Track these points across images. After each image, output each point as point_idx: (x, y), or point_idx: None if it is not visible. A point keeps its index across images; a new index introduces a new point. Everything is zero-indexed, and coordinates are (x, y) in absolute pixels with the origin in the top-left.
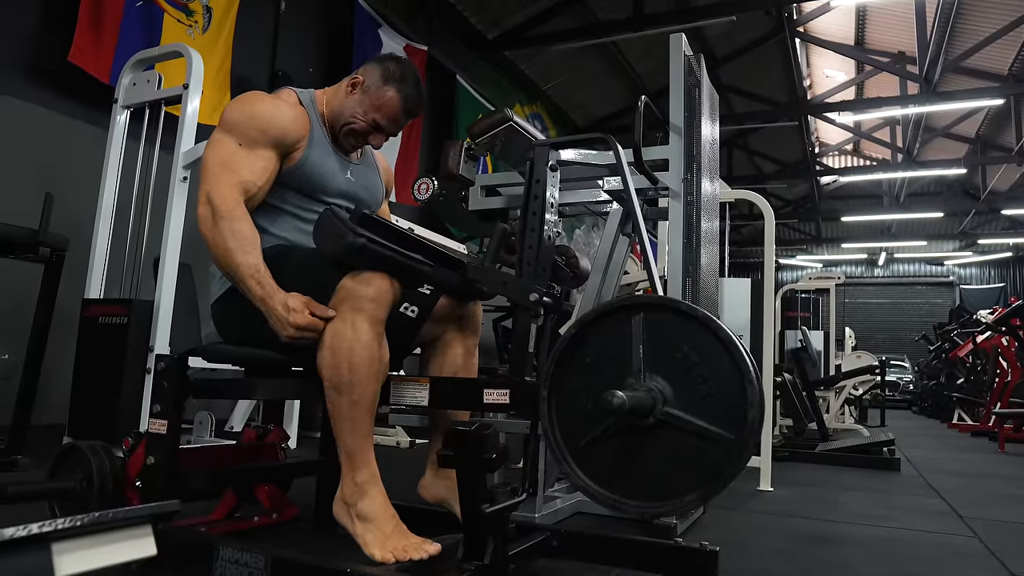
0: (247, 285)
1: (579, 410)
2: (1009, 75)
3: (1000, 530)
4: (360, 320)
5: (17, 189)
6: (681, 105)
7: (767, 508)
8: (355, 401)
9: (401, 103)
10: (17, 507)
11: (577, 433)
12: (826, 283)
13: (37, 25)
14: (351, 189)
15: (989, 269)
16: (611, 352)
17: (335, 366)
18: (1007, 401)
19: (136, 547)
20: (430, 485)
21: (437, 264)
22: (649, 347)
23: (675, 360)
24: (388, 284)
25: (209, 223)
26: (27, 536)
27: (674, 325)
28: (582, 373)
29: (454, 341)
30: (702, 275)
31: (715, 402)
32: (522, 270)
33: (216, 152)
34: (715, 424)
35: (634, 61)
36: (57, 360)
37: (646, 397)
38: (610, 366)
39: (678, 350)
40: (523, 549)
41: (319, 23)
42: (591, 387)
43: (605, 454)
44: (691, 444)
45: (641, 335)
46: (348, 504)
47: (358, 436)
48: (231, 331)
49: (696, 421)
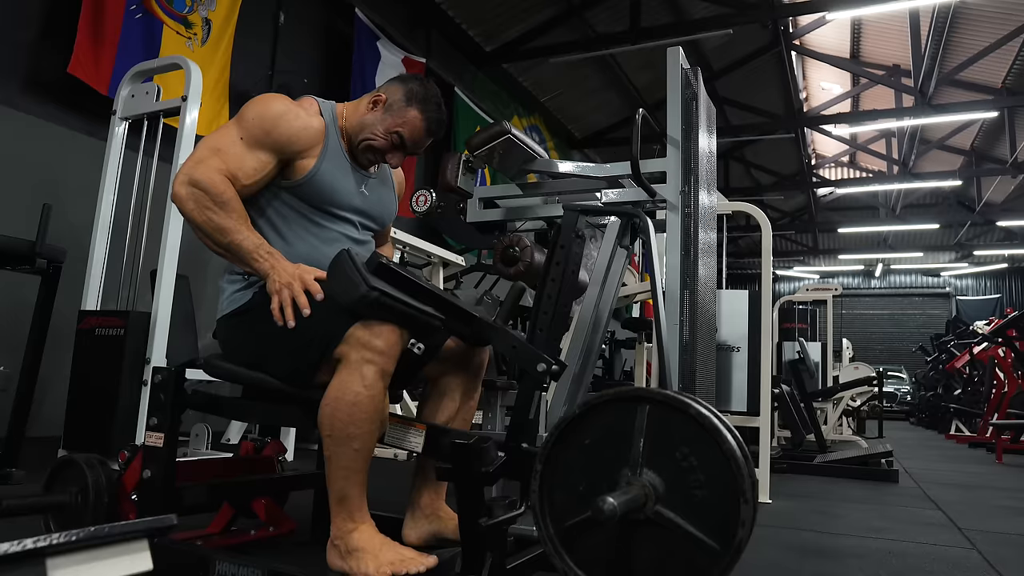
0: (252, 258)
1: (571, 490)
2: (1003, 88)
3: (999, 542)
4: (369, 371)
5: (15, 200)
6: (679, 118)
7: (765, 520)
8: (356, 451)
9: (424, 124)
10: (12, 521)
11: (566, 513)
12: (823, 294)
13: (37, 37)
14: (363, 204)
15: (985, 280)
16: (611, 439)
17: (338, 417)
18: (1004, 412)
19: (132, 562)
20: (414, 526)
21: (449, 318)
22: (650, 441)
23: (674, 460)
24: (398, 336)
25: (192, 204)
26: (22, 551)
27: (680, 425)
28: (580, 454)
29: (456, 389)
30: (700, 287)
31: (707, 510)
32: (534, 336)
33: (216, 136)
34: (704, 532)
35: (632, 74)
36: (53, 372)
37: (638, 495)
38: (609, 451)
39: (679, 450)
40: (521, 563)
41: (318, 35)
42: (586, 470)
43: (591, 540)
44: (678, 546)
45: (644, 429)
46: (338, 548)
47: (353, 484)
48: (235, 350)
49: (685, 525)
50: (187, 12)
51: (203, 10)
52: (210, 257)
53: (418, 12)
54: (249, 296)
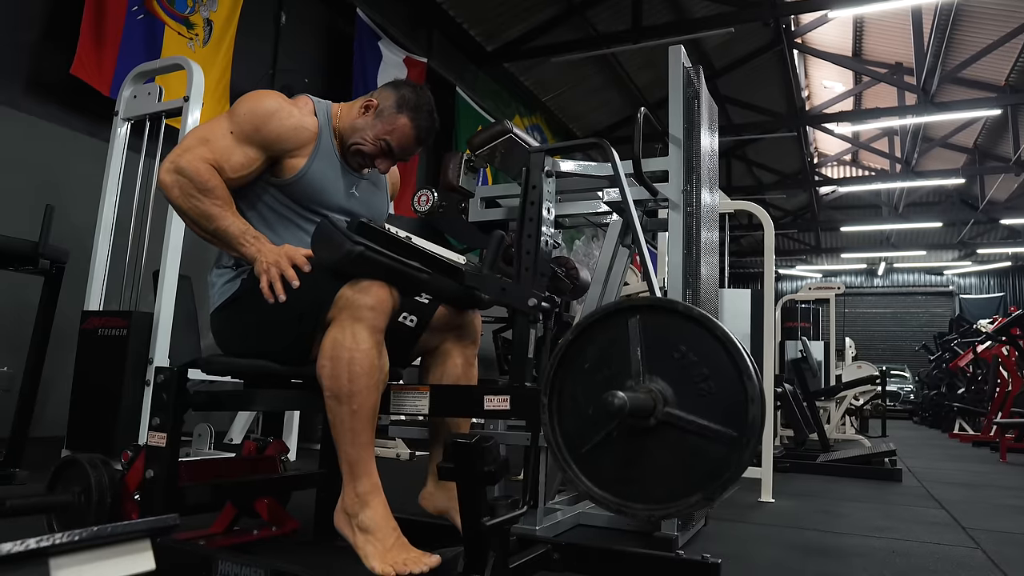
0: (239, 243)
1: (580, 416)
2: (1006, 85)
3: (1003, 541)
4: (359, 329)
5: (18, 201)
6: (680, 116)
7: (769, 520)
8: (355, 410)
9: (414, 132)
10: (15, 521)
11: (579, 439)
12: (826, 293)
13: (39, 38)
14: (352, 206)
15: (988, 279)
16: (609, 356)
17: (335, 376)
18: (1008, 411)
19: (135, 562)
20: (431, 496)
21: (435, 272)
22: (647, 349)
23: (674, 360)
24: (387, 292)
25: (177, 191)
26: (25, 551)
27: (671, 326)
28: (582, 378)
29: (453, 350)
30: (702, 286)
31: (715, 400)
32: (520, 276)
33: (206, 127)
34: (716, 422)
35: (633, 73)
36: (56, 372)
37: (647, 398)
38: (609, 370)
39: (676, 350)
40: (524, 562)
41: (319, 36)
42: (591, 392)
43: (608, 459)
44: (693, 444)
45: (639, 337)
46: (349, 515)
47: (359, 446)
48: (230, 341)
49: (697, 420)
50: (188, 13)
51: (204, 11)
52: (212, 257)
53: (419, 12)
54: (237, 285)
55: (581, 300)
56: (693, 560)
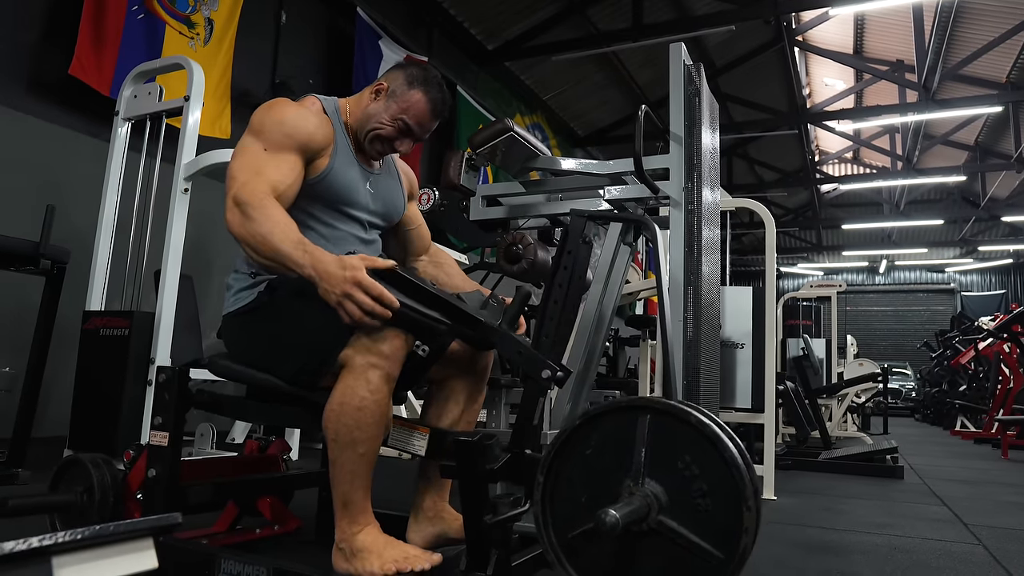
0: (294, 259)
1: (574, 500)
2: (1007, 82)
3: (1005, 538)
4: (374, 376)
5: (19, 201)
6: (681, 114)
7: (771, 517)
8: (361, 455)
9: (429, 104)
10: (18, 520)
11: (569, 523)
12: (827, 291)
13: (39, 38)
14: (372, 202)
15: (990, 276)
16: (613, 449)
17: (343, 422)
18: (1010, 408)
19: (137, 560)
20: (418, 529)
21: (455, 323)
22: (651, 451)
23: (676, 469)
24: (403, 341)
25: (239, 220)
26: (28, 550)
27: (680, 433)
28: (581, 464)
29: (460, 393)
30: (703, 284)
31: (710, 519)
32: (539, 342)
33: (242, 158)
34: (707, 541)
35: (634, 71)
36: (58, 372)
37: (641, 506)
38: (610, 461)
39: (681, 459)
40: (526, 560)
41: (320, 34)
42: (588, 480)
43: (593, 550)
44: (680, 556)
45: (645, 438)
46: (343, 550)
47: (357, 487)
48: (239, 348)
49: (688, 535)
50: (189, 12)
51: (205, 10)
52: (214, 257)
53: (419, 10)
54: (254, 296)
55: (583, 299)
56: None
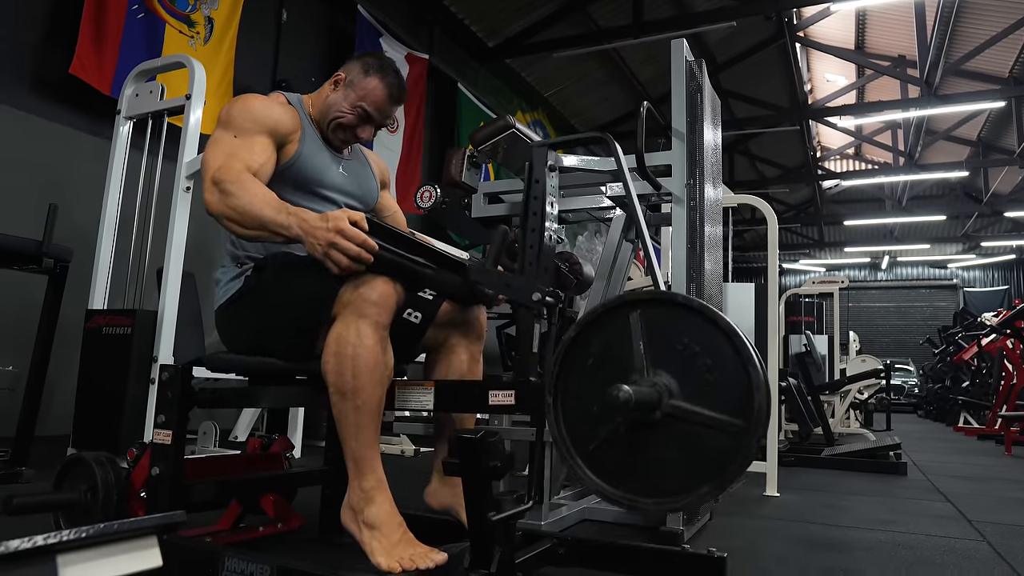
0: (278, 222)
1: (586, 413)
2: (1010, 77)
3: (1009, 534)
4: (364, 325)
5: (21, 201)
6: (683, 110)
7: (774, 514)
8: (360, 406)
9: (385, 90)
10: (22, 519)
11: (586, 436)
12: (830, 287)
13: (41, 38)
14: (345, 184)
15: (993, 271)
16: (612, 352)
17: (339, 371)
18: (1013, 404)
19: (141, 558)
20: (437, 492)
21: (439, 267)
22: (649, 343)
23: (677, 353)
24: (391, 288)
25: (218, 198)
26: (32, 548)
27: (672, 318)
28: (586, 375)
29: (458, 346)
30: (706, 280)
31: (720, 390)
32: (523, 271)
33: (215, 148)
34: (722, 412)
35: (635, 68)
36: (61, 371)
37: (651, 392)
38: (613, 366)
39: (679, 342)
40: (529, 557)
41: (320, 33)
42: (595, 389)
43: (616, 455)
44: (700, 435)
45: (640, 331)
46: (355, 511)
47: (363, 442)
48: (235, 338)
49: (703, 411)
50: (190, 11)
51: (206, 9)
52: (216, 254)
53: (420, 8)
54: (241, 283)
55: (584, 296)
56: (699, 554)
